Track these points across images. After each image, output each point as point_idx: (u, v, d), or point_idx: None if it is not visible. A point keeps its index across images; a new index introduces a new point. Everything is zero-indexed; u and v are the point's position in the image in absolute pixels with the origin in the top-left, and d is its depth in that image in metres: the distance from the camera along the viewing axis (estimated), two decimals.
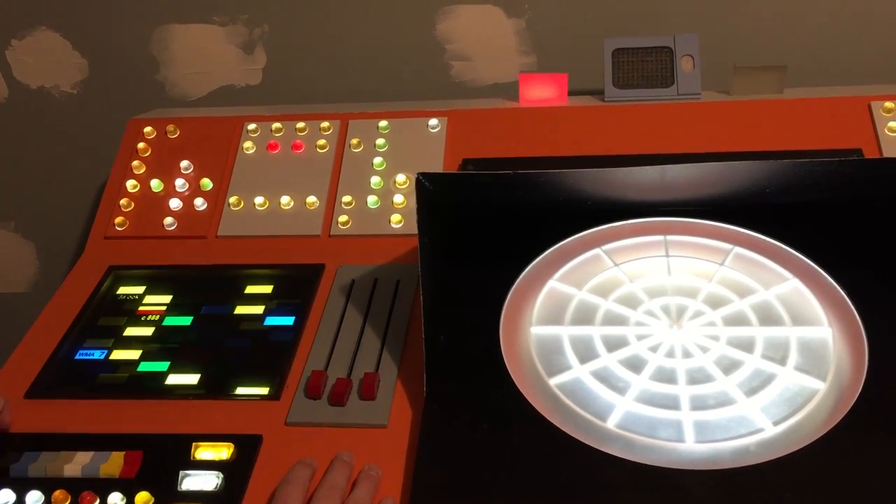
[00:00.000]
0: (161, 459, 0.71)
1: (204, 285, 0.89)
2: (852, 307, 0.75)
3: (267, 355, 0.80)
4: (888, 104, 0.92)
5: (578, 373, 0.73)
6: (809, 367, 0.71)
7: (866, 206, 0.79)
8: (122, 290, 0.90)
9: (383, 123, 1.00)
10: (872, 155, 0.89)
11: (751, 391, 0.70)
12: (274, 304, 0.86)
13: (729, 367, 0.72)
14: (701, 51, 0.99)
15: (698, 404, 0.69)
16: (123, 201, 0.99)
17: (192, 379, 0.79)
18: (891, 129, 0.91)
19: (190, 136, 1.04)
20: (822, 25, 1.11)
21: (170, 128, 1.04)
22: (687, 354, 0.73)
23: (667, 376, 0.72)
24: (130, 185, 1.00)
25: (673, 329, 0.75)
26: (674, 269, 0.81)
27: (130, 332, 0.85)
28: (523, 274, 0.81)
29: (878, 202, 0.79)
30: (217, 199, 0.98)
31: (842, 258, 0.78)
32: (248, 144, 1.01)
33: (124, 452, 0.71)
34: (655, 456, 0.65)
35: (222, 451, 0.71)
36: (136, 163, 1.01)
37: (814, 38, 1.11)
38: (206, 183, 0.99)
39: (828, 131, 0.92)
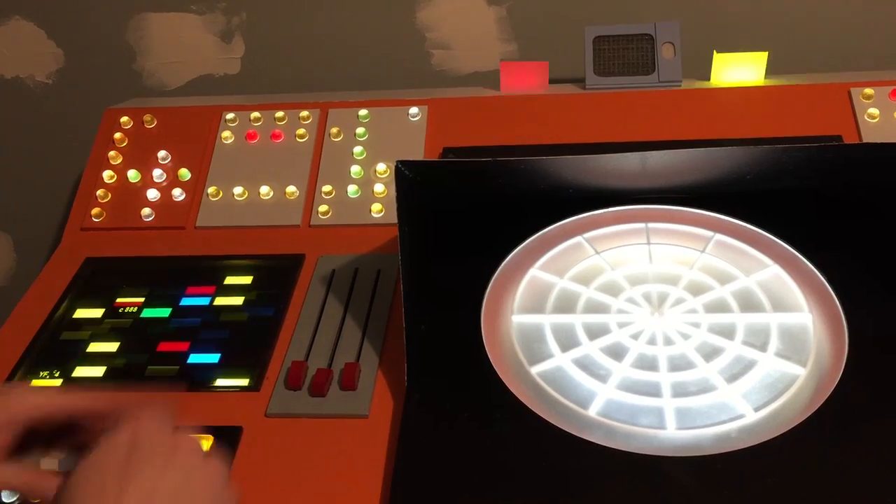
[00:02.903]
0: None
1: (182, 276, 0.88)
2: (832, 293, 0.75)
3: (247, 346, 0.80)
4: (868, 91, 0.93)
5: (560, 361, 0.72)
6: (790, 353, 0.72)
7: (846, 192, 0.79)
8: (100, 282, 0.89)
9: (363, 112, 1.00)
10: (852, 141, 0.89)
11: (732, 377, 0.70)
12: (254, 294, 0.85)
13: (710, 353, 0.72)
14: (682, 38, 0.99)
15: (680, 391, 0.69)
16: (100, 192, 0.98)
17: (172, 371, 0.78)
18: (870, 116, 0.91)
19: (167, 126, 1.02)
20: (803, 12, 1.11)
21: (147, 118, 1.03)
22: (668, 342, 0.73)
23: (648, 363, 0.72)
24: (107, 175, 0.99)
25: (654, 316, 0.75)
26: (655, 256, 0.81)
27: (108, 324, 0.84)
28: (504, 262, 0.80)
29: (858, 188, 0.79)
30: (195, 189, 0.97)
31: (822, 244, 0.78)
32: (226, 134, 1.00)
33: None
34: (637, 443, 0.65)
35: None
36: (112, 153, 1.00)
37: (794, 25, 1.12)
38: (185, 173, 0.98)
39: (808, 118, 0.92)
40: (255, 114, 1.01)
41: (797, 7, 1.10)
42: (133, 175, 0.98)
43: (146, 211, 0.96)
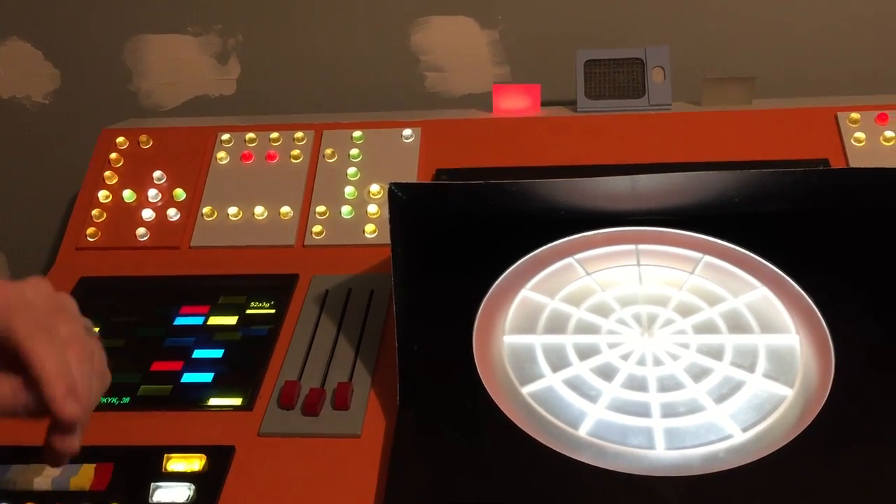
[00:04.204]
0: (132, 471, 0.70)
1: (176, 296, 0.89)
2: (819, 315, 0.76)
3: (240, 366, 0.80)
4: (854, 115, 0.94)
5: (551, 381, 0.73)
6: (777, 374, 0.72)
7: (833, 215, 0.80)
8: (94, 302, 0.90)
9: (357, 134, 1.01)
10: (839, 165, 0.91)
11: (720, 398, 0.71)
12: (247, 314, 0.86)
13: (699, 374, 0.73)
14: (671, 62, 1.01)
15: (669, 411, 0.70)
16: (95, 212, 0.98)
17: (165, 390, 0.79)
18: (857, 140, 0.92)
19: (163, 147, 1.03)
20: (791, 38, 1.13)
21: (143, 138, 1.04)
22: (658, 362, 0.74)
23: (638, 384, 0.72)
24: (103, 195, 0.99)
25: (644, 337, 0.76)
26: (645, 277, 0.82)
27: (101, 343, 0.84)
28: (496, 283, 0.81)
29: (844, 211, 0.80)
30: (190, 209, 0.98)
31: (809, 266, 0.79)
32: (221, 155, 1.01)
33: (95, 465, 0.71)
34: (627, 463, 0.66)
35: (194, 463, 0.71)
36: (108, 173, 1.01)
37: (782, 50, 1.13)
38: (180, 193, 0.98)
39: (795, 142, 0.94)
40: (251, 135, 1.02)
41: (785, 33, 1.12)
42: (128, 195, 0.99)
43: (141, 231, 0.96)
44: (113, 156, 1.02)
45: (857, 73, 1.13)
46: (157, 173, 1.00)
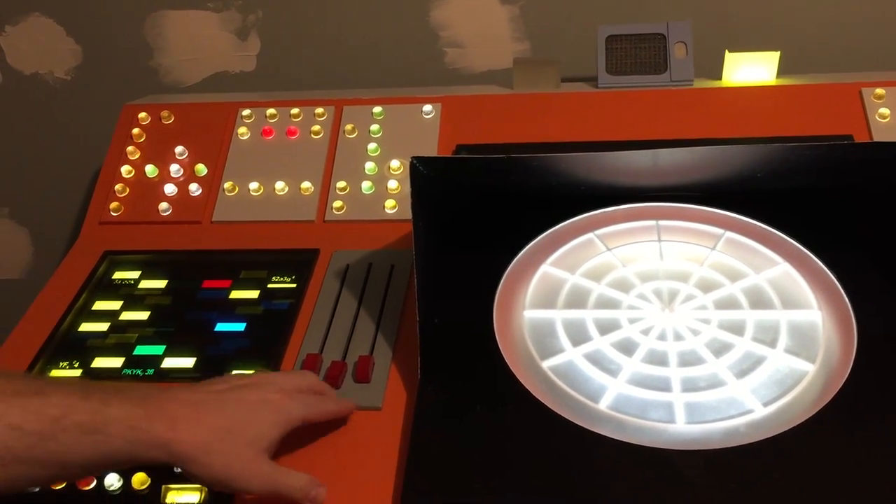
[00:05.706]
0: None
1: (199, 270, 0.90)
2: (842, 291, 0.75)
3: (262, 339, 0.81)
4: (879, 90, 0.93)
5: (571, 355, 0.73)
6: (799, 350, 0.72)
7: (856, 191, 0.80)
8: (118, 275, 0.91)
9: (377, 109, 1.01)
10: (863, 140, 0.90)
11: (741, 373, 0.71)
12: (269, 288, 0.86)
13: (720, 349, 0.73)
14: (694, 37, 1.00)
15: (689, 386, 0.70)
16: (118, 187, 0.99)
17: (188, 362, 0.79)
18: (881, 116, 0.91)
19: (184, 122, 1.04)
20: (814, 13, 1.11)
21: (164, 114, 1.04)
22: (678, 337, 0.74)
23: (658, 359, 0.72)
24: (125, 170, 1.00)
25: (665, 312, 0.76)
26: (666, 253, 0.82)
27: (126, 316, 0.85)
28: (517, 258, 0.81)
29: (868, 186, 0.79)
30: (212, 184, 0.98)
31: (832, 242, 0.79)
32: (242, 130, 1.01)
33: None
34: (647, 437, 0.66)
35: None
36: (130, 148, 1.02)
37: (806, 25, 1.12)
38: (201, 168, 0.99)
39: (819, 117, 0.93)
40: (271, 110, 1.02)
41: (809, 7, 1.11)
42: (150, 170, 1.00)
43: (163, 205, 0.97)
44: (135, 131, 1.03)
45: (882, 48, 1.12)
46: (178, 148, 1.01)
